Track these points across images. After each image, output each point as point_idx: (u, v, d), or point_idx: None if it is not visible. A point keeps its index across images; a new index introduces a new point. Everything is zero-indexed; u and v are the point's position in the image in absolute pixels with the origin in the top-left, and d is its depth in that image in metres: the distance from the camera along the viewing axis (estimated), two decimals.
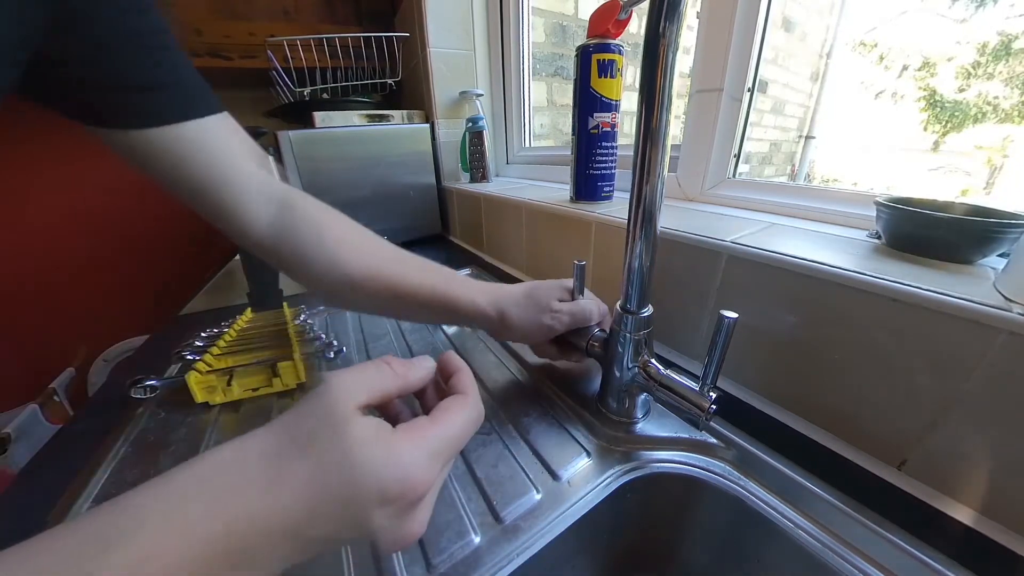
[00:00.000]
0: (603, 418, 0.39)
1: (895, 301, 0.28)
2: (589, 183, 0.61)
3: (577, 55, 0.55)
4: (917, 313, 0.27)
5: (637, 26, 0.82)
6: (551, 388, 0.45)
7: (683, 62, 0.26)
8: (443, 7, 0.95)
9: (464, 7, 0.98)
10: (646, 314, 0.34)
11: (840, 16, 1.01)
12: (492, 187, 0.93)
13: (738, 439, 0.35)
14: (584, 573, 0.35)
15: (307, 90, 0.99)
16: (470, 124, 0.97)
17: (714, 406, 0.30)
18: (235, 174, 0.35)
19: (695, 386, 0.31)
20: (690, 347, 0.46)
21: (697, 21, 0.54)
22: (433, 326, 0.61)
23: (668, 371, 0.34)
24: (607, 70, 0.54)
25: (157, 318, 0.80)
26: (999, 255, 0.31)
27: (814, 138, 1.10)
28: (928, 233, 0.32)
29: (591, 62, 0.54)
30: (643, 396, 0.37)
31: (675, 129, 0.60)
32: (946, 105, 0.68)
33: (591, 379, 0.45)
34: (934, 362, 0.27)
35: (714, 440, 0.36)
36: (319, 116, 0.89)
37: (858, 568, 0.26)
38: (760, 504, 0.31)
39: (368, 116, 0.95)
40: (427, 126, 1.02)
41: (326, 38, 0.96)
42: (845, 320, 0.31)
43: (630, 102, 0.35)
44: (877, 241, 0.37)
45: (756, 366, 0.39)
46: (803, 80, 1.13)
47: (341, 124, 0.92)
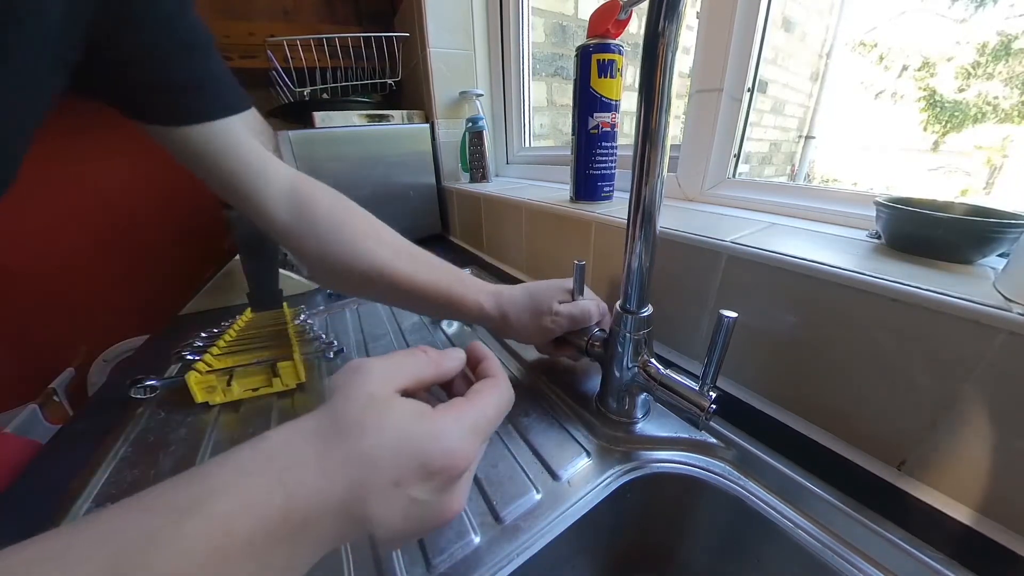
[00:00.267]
0: (603, 418, 0.39)
1: (895, 301, 0.28)
2: (589, 183, 0.61)
3: (577, 55, 0.55)
4: (917, 313, 0.27)
5: (637, 26, 0.82)
6: (551, 388, 0.45)
7: (683, 62, 0.26)
8: (443, 7, 0.95)
9: (464, 7, 0.98)
10: (646, 314, 0.34)
11: (840, 16, 1.01)
12: (492, 187, 0.93)
13: (738, 439, 0.35)
14: (584, 573, 0.35)
15: (307, 90, 0.99)
16: (470, 124, 0.97)
17: (714, 406, 0.30)
18: (263, 164, 0.38)
19: (695, 386, 0.31)
20: (690, 347, 0.46)
21: (697, 21, 0.54)
22: (433, 326, 0.61)
23: (668, 371, 0.34)
24: (607, 70, 0.54)
25: (157, 318, 0.80)
26: (999, 255, 0.31)
27: (814, 138, 1.10)
28: (928, 233, 0.32)
29: (591, 62, 0.54)
30: (643, 396, 0.37)
31: (675, 129, 0.60)
32: (946, 105, 0.68)
33: (591, 379, 0.45)
34: (934, 362, 0.27)
35: (714, 440, 0.36)
36: (319, 116, 0.89)
37: (858, 568, 0.26)
38: (760, 504, 0.31)
39: (368, 116, 0.95)
40: (427, 126, 1.02)
41: (326, 38, 0.96)
42: (845, 320, 0.31)
43: (630, 102, 0.34)
44: (877, 241, 0.37)
45: (756, 366, 0.39)
46: (803, 80, 1.13)
47: (341, 124, 0.92)
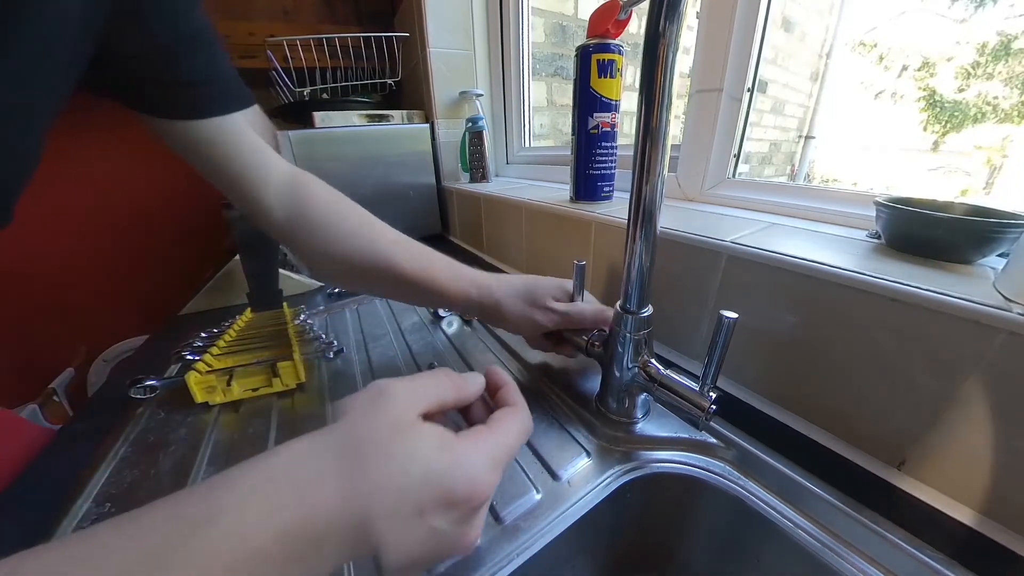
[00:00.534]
0: (603, 418, 0.39)
1: (895, 301, 0.28)
2: (589, 183, 0.61)
3: (577, 55, 0.55)
4: (917, 313, 0.27)
5: (637, 26, 0.82)
6: (551, 388, 0.45)
7: (683, 62, 0.26)
8: (443, 7, 0.95)
9: (464, 7, 0.98)
10: (646, 314, 0.34)
11: (840, 16, 1.01)
12: (492, 187, 0.93)
13: (738, 439, 0.35)
14: (584, 573, 0.35)
15: (307, 90, 0.99)
16: (470, 124, 0.97)
17: (714, 406, 0.30)
18: (263, 160, 0.38)
19: (695, 386, 0.31)
20: (690, 347, 0.46)
21: (697, 21, 0.54)
22: (433, 326, 0.61)
23: (668, 371, 0.34)
24: (607, 70, 0.54)
25: (157, 318, 0.80)
26: (999, 255, 0.31)
27: (814, 138, 1.10)
28: (928, 233, 0.32)
29: (591, 62, 0.54)
30: (643, 396, 0.37)
31: (675, 129, 0.60)
32: (946, 105, 0.68)
33: (591, 379, 0.45)
34: (934, 362, 0.27)
35: (714, 440, 0.36)
36: (319, 116, 0.89)
37: (858, 568, 0.26)
38: (760, 504, 0.31)
39: (368, 116, 0.95)
40: (427, 126, 1.02)
41: (326, 38, 0.96)
42: (845, 320, 0.31)
43: (630, 102, 0.35)
44: (877, 241, 0.37)
45: (756, 366, 0.39)
46: (803, 80, 1.13)
47: (341, 124, 0.92)
